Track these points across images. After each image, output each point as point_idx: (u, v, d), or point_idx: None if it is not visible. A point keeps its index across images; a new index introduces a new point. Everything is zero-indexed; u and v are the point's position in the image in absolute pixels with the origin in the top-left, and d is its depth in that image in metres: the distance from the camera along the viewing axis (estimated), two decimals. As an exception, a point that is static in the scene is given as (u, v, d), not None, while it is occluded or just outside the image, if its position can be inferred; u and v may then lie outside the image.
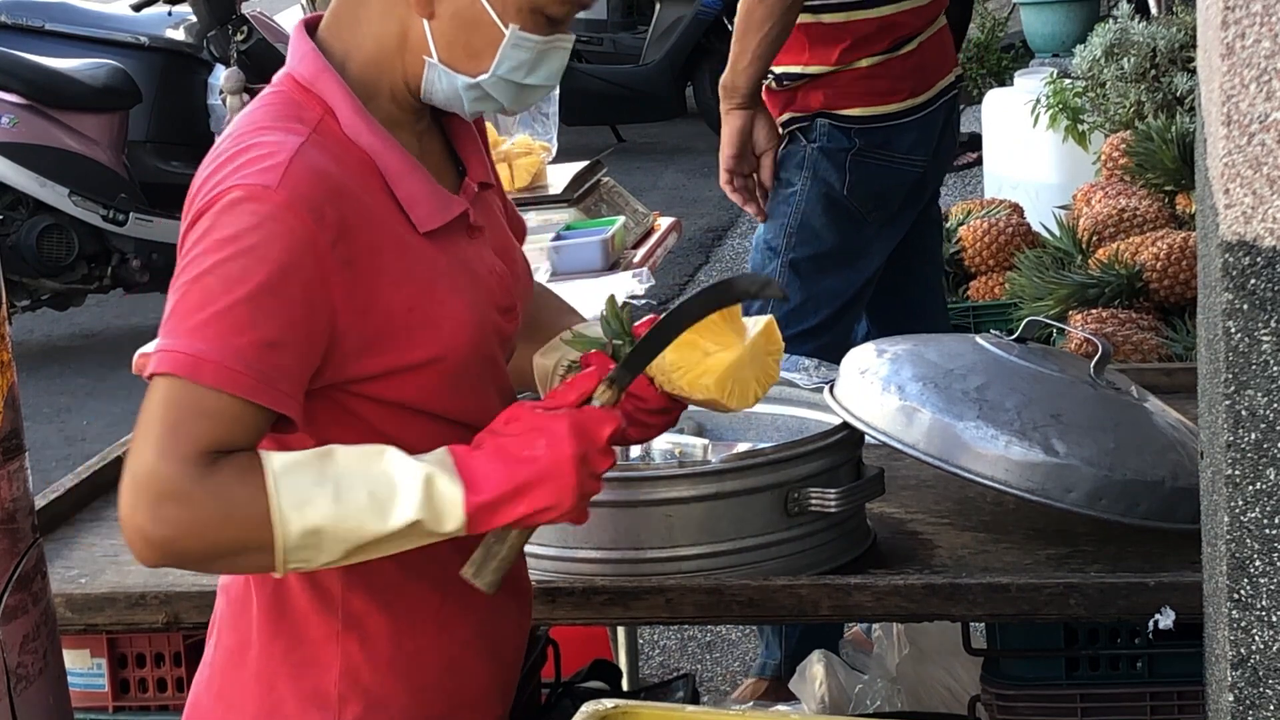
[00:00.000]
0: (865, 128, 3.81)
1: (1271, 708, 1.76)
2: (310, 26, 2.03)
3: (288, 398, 1.85)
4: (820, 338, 3.74)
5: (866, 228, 3.86)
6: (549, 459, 1.85)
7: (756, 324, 2.07)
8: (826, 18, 3.76)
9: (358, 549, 1.84)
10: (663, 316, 2.03)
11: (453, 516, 1.84)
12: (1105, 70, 6.45)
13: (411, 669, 2.03)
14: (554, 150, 4.75)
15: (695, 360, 2.02)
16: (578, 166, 4.60)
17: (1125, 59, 6.40)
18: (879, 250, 3.90)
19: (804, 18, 3.73)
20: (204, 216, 1.87)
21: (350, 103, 1.96)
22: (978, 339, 2.59)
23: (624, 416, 1.98)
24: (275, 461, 1.83)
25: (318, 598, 1.99)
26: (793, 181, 3.82)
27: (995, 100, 7.43)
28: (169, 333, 1.85)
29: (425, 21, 1.96)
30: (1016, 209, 5.93)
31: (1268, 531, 1.74)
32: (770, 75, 3.80)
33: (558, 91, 4.85)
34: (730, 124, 3.78)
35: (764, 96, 3.81)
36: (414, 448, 1.89)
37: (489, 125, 4.60)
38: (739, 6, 3.70)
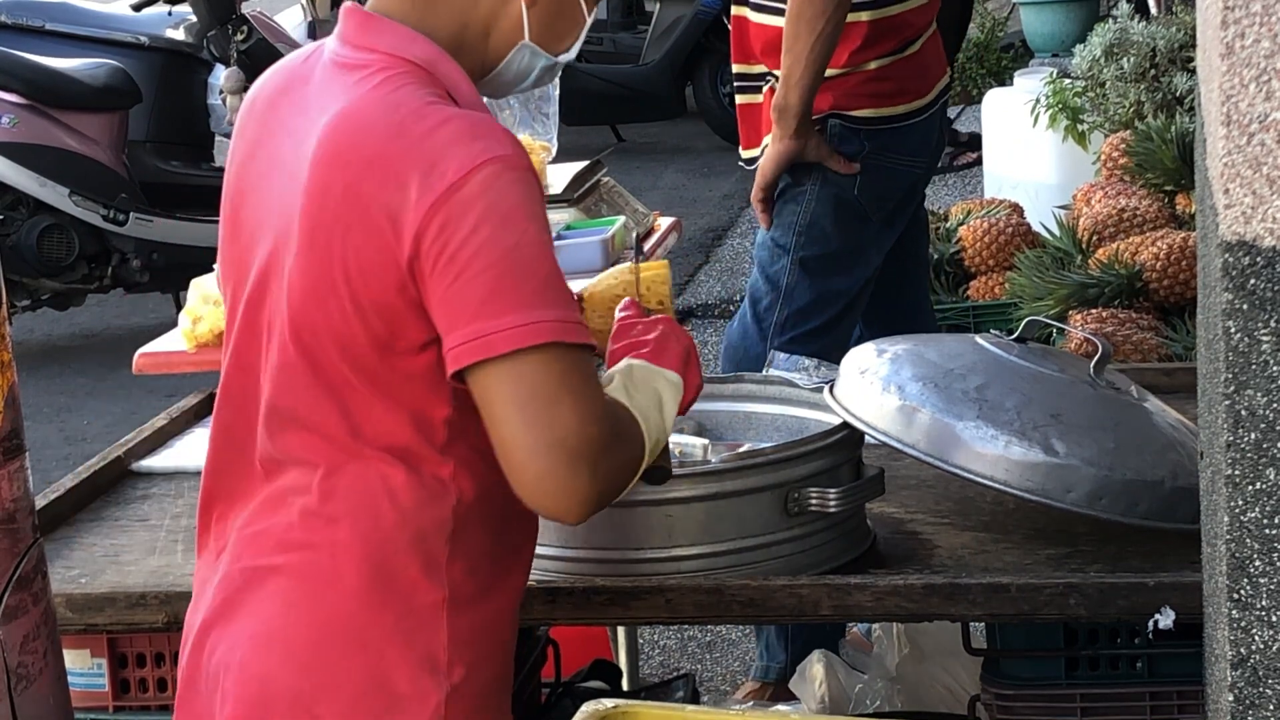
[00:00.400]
0: (874, 129, 3.80)
1: (1271, 708, 1.76)
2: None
3: None
4: (825, 337, 3.74)
5: (869, 228, 3.85)
6: (688, 344, 2.24)
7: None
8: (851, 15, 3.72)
9: (654, 445, 2.11)
10: None
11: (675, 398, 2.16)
12: (1105, 70, 6.45)
13: (493, 629, 2.12)
14: (554, 150, 4.75)
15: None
16: (578, 166, 4.60)
17: (1125, 59, 6.40)
18: (879, 250, 3.90)
19: None
20: (464, 190, 1.94)
21: (469, 87, 2.09)
22: (978, 339, 2.59)
23: None
24: (618, 393, 2.08)
25: (426, 567, 2.05)
26: (802, 182, 3.79)
27: (995, 100, 7.43)
28: (512, 307, 1.94)
29: (525, 7, 2.11)
30: (1016, 209, 5.93)
31: (1268, 531, 1.74)
32: (775, 77, 3.78)
33: (558, 91, 4.85)
34: (782, 150, 3.71)
35: (767, 97, 3.80)
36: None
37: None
38: (788, 13, 3.62)
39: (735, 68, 3.92)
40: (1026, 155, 6.94)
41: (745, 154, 3.96)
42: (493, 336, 1.92)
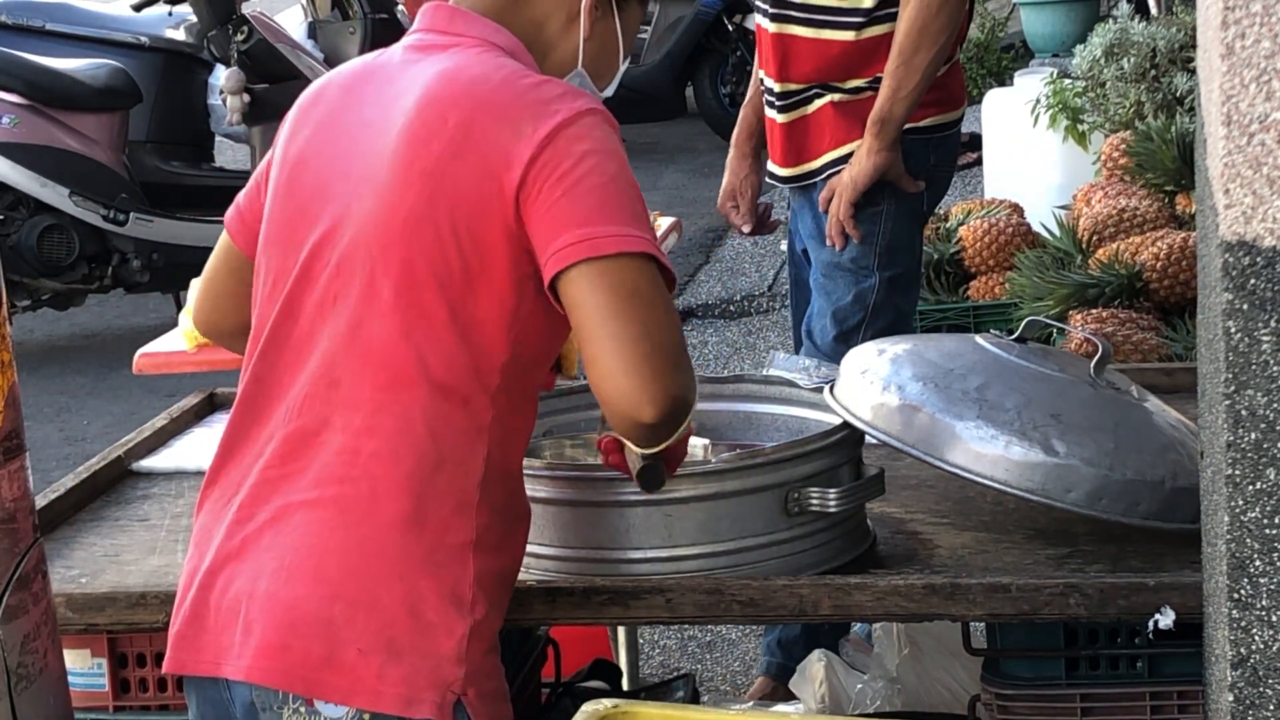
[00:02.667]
0: (937, 138, 3.78)
1: (1271, 708, 1.76)
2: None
3: None
4: None
5: (922, 238, 3.89)
6: None
7: None
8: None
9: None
10: None
11: None
12: (1105, 70, 6.45)
13: (504, 582, 2.25)
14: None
15: None
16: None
17: (1125, 59, 6.40)
18: None
19: (882, 28, 3.66)
20: (574, 127, 2.13)
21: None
22: (978, 339, 2.59)
23: None
24: None
25: (459, 508, 2.17)
26: (877, 200, 3.71)
27: (995, 100, 7.43)
28: (618, 220, 2.10)
29: (582, 40, 2.31)
30: (1016, 209, 5.93)
31: (1268, 531, 1.74)
32: (838, 90, 3.72)
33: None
34: (879, 163, 3.64)
35: (830, 113, 3.74)
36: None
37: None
38: (902, 26, 3.56)
39: (775, 85, 3.79)
40: (1026, 155, 6.94)
41: (784, 171, 3.86)
42: (601, 239, 2.08)
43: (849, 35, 3.69)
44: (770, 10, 3.77)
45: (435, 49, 2.25)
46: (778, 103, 3.81)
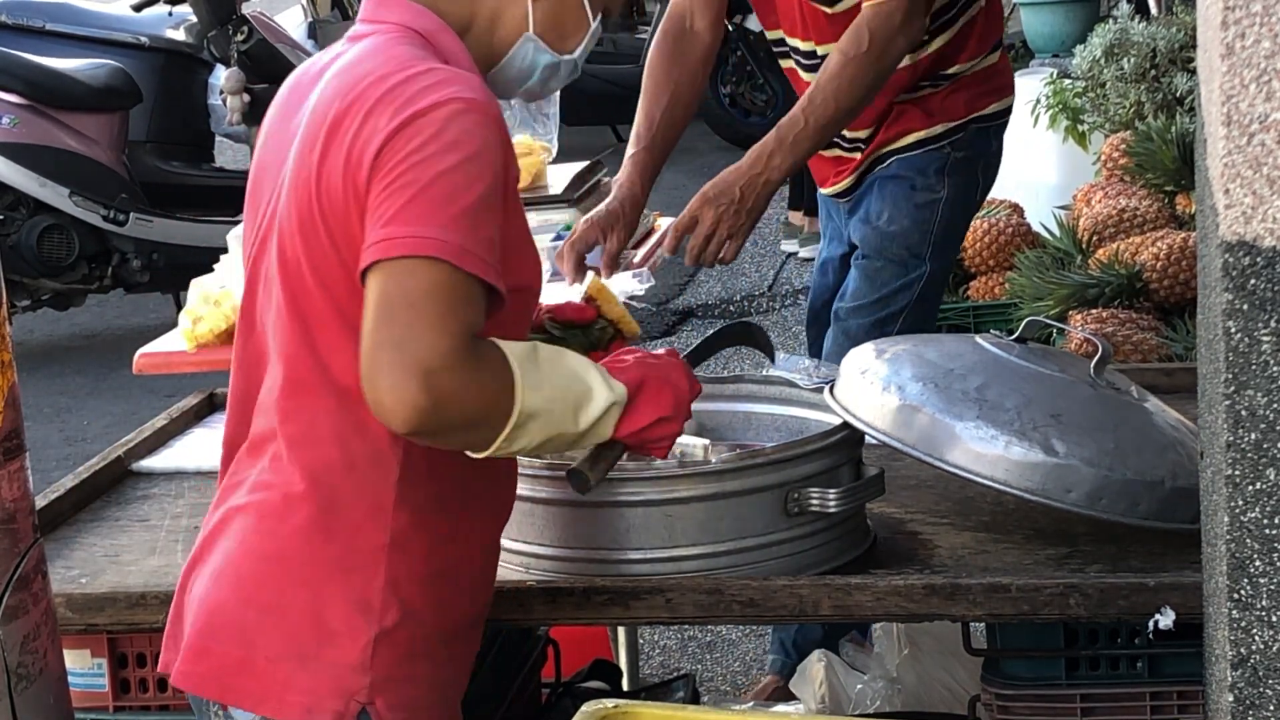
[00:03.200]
0: (998, 125, 3.74)
1: (1271, 708, 1.76)
2: None
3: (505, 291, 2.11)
4: None
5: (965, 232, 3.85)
6: (675, 386, 2.22)
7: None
8: (966, 15, 3.65)
9: (547, 441, 2.12)
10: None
11: (611, 422, 2.18)
12: (1105, 70, 6.45)
13: (441, 583, 2.18)
14: (554, 150, 4.75)
15: None
16: (578, 166, 4.59)
17: (1125, 59, 6.40)
18: None
19: (933, 44, 3.61)
20: (424, 119, 2.04)
21: (468, 61, 2.18)
22: (978, 339, 2.59)
23: None
24: (510, 348, 2.07)
25: (373, 510, 2.13)
26: (935, 189, 3.65)
27: (995, 100, 7.42)
28: (421, 220, 2.01)
29: (532, 4, 2.21)
30: (1016, 209, 5.93)
31: (1268, 531, 1.74)
32: (927, 84, 3.65)
33: (558, 92, 4.84)
34: (764, 209, 3.47)
35: (897, 111, 3.65)
36: None
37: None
38: (840, 88, 3.40)
39: (846, 133, 3.68)
40: (1026, 155, 6.93)
41: (828, 191, 3.82)
42: (395, 241, 2.00)
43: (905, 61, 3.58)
44: (808, 63, 3.68)
45: (355, 40, 2.22)
46: (845, 142, 3.73)
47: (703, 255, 3.40)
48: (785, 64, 3.79)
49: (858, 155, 3.71)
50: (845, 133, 3.69)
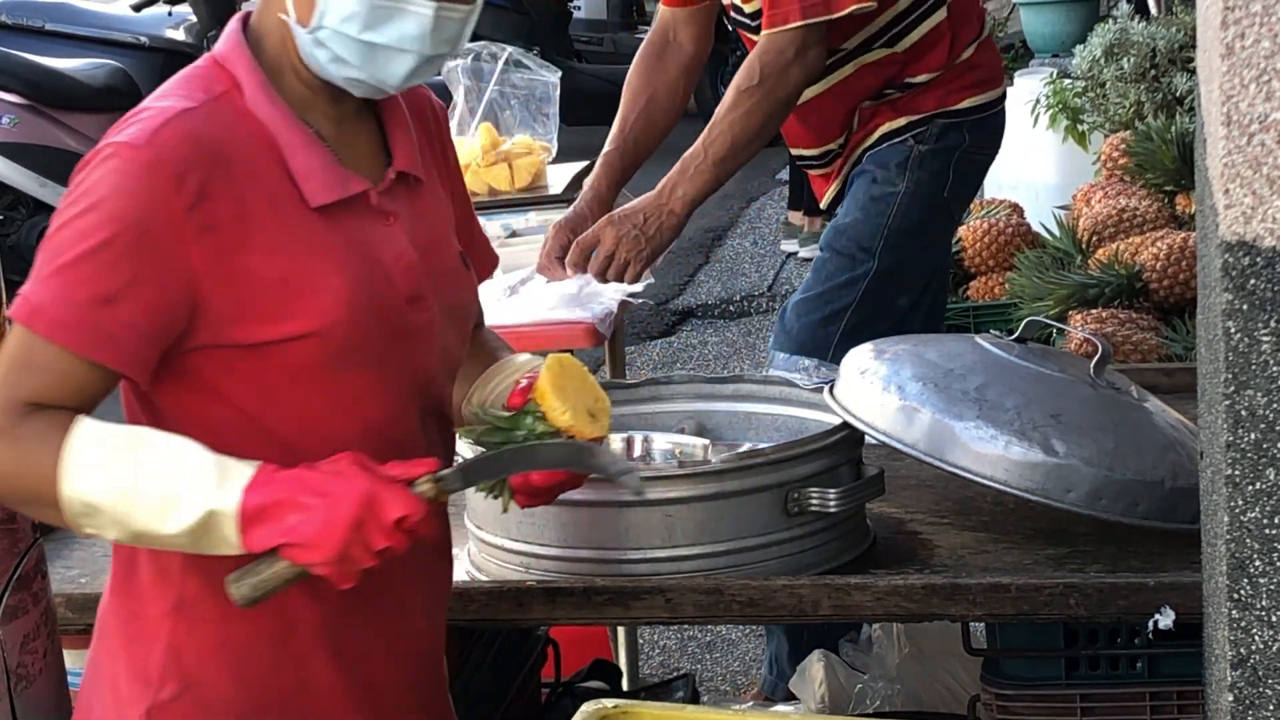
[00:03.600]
0: (976, 120, 3.67)
1: (1271, 708, 1.76)
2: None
3: (129, 356, 1.89)
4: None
5: (948, 229, 3.78)
6: (328, 505, 1.85)
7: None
8: (928, 24, 3.60)
9: (138, 536, 1.89)
10: (516, 450, 2.02)
11: (228, 529, 1.86)
12: (1105, 70, 6.45)
13: (240, 658, 2.03)
14: (554, 150, 4.75)
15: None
16: (578, 166, 4.60)
17: (1125, 59, 6.40)
18: (942, 257, 3.81)
19: (876, 54, 3.58)
20: (79, 173, 1.93)
21: (256, 79, 1.99)
22: (978, 339, 2.59)
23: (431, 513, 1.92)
24: (85, 427, 1.86)
25: (158, 575, 2.01)
26: (894, 182, 3.58)
27: (995, 100, 7.42)
28: (32, 278, 1.92)
29: None
30: (1016, 209, 5.93)
31: (1268, 531, 1.74)
32: (893, 90, 3.62)
33: (558, 92, 4.85)
34: (672, 237, 3.53)
35: (870, 110, 3.64)
36: (293, 435, 1.97)
37: (488, 126, 4.61)
38: (722, 124, 3.45)
39: (813, 151, 3.73)
40: (1026, 155, 6.94)
41: (816, 149, 3.77)
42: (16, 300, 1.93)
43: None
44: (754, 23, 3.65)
45: None
46: (816, 160, 3.74)
47: (604, 274, 3.48)
48: (743, 33, 3.75)
49: (836, 165, 3.69)
50: (809, 150, 3.69)
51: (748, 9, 3.59)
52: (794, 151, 3.79)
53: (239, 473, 1.86)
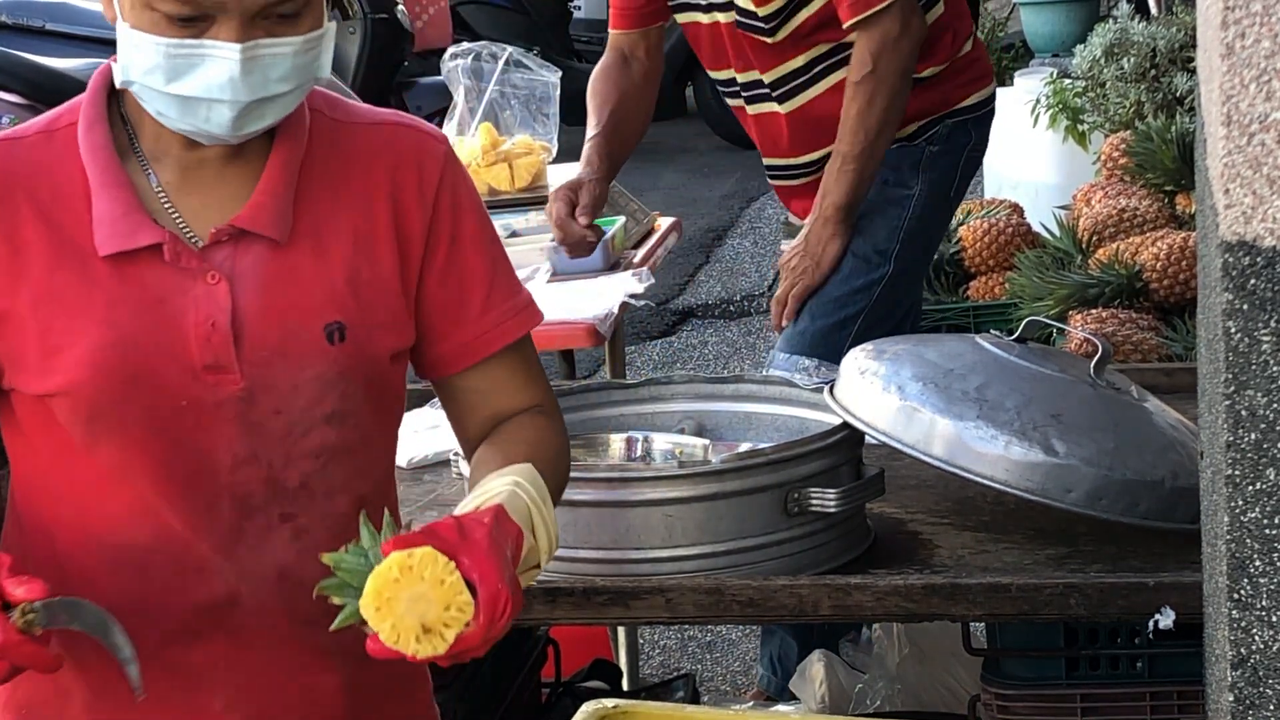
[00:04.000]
0: (978, 116, 3.67)
1: (1271, 708, 1.76)
2: None
3: None
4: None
5: (947, 228, 3.83)
6: None
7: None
8: (929, 16, 3.57)
9: None
10: (100, 612, 1.76)
11: None
12: (1105, 70, 6.45)
13: (30, 715, 1.92)
14: (554, 150, 4.75)
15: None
16: (578, 166, 4.60)
17: (1125, 59, 6.40)
18: None
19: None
20: None
21: (91, 115, 1.86)
22: (978, 339, 2.59)
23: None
24: None
25: None
26: (908, 184, 3.58)
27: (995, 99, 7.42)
28: None
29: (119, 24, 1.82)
30: (1016, 209, 5.93)
31: (1268, 531, 1.74)
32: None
33: (558, 92, 4.85)
34: (840, 246, 3.50)
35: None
36: (76, 503, 1.85)
37: (488, 126, 4.61)
38: (865, 107, 3.42)
39: (795, 160, 3.71)
40: (1026, 155, 6.94)
41: (798, 159, 3.74)
42: None
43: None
44: (750, 94, 3.67)
45: None
46: (795, 171, 3.73)
47: (791, 314, 3.55)
48: (733, 104, 3.74)
49: (817, 175, 3.62)
50: (798, 159, 3.66)
51: (763, 11, 3.52)
52: (779, 162, 3.72)
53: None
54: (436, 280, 1.95)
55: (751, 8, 3.54)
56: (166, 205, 1.86)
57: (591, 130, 3.84)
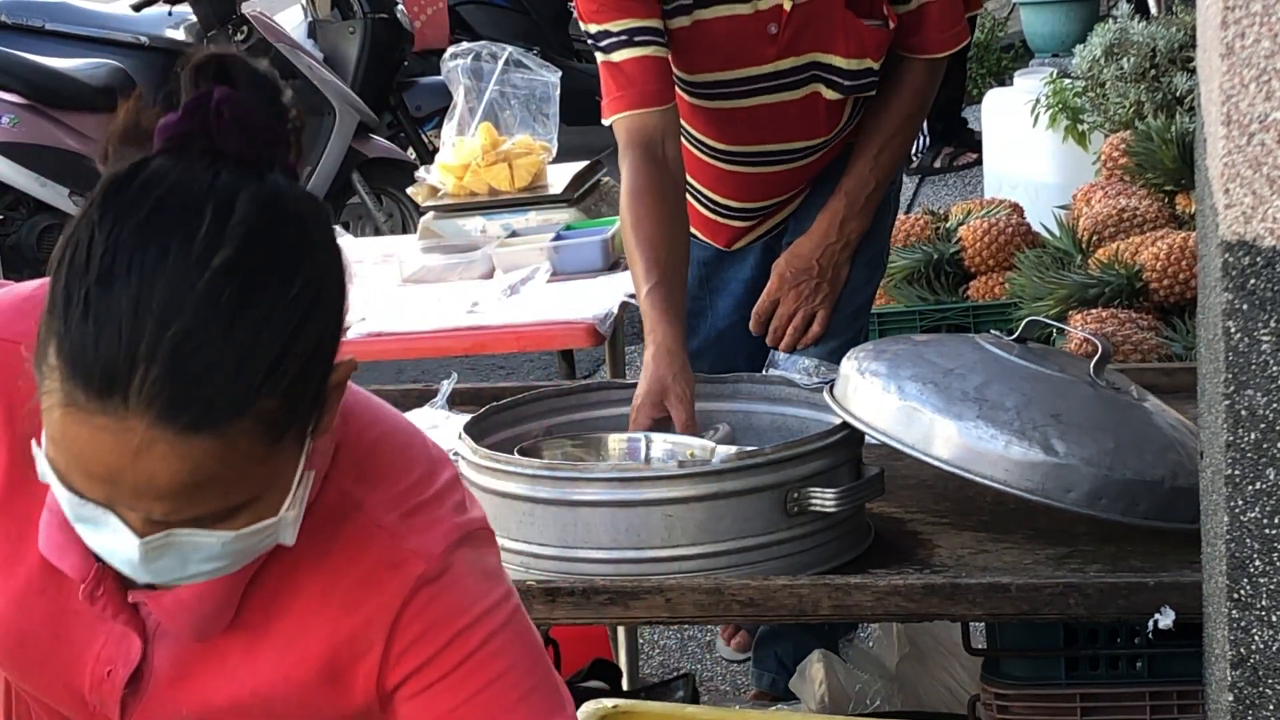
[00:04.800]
0: None
1: (1271, 708, 1.76)
2: None
3: None
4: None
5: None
6: None
7: None
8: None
9: None
10: None
11: None
12: (1105, 70, 6.45)
13: None
14: (554, 150, 4.75)
15: None
16: (578, 166, 4.60)
17: (1125, 59, 6.40)
18: None
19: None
20: None
21: None
22: (978, 339, 2.59)
23: None
24: None
25: None
26: (894, 180, 3.54)
27: (995, 100, 7.42)
28: None
29: None
30: (1016, 209, 5.93)
31: (1267, 531, 1.74)
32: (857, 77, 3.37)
33: (558, 92, 4.85)
34: (848, 269, 3.35)
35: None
36: None
37: (488, 126, 4.60)
38: (903, 104, 3.31)
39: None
40: (1026, 155, 6.94)
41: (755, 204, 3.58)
42: None
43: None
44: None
45: None
46: (746, 215, 3.55)
47: (786, 339, 3.32)
48: (737, 103, 3.35)
49: (814, 160, 3.47)
50: (749, 205, 3.49)
51: (857, 67, 3.29)
52: (794, 146, 3.47)
53: None
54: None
55: (838, 64, 3.31)
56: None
57: (646, 282, 3.02)
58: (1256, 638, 1.76)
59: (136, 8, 8.19)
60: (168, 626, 1.61)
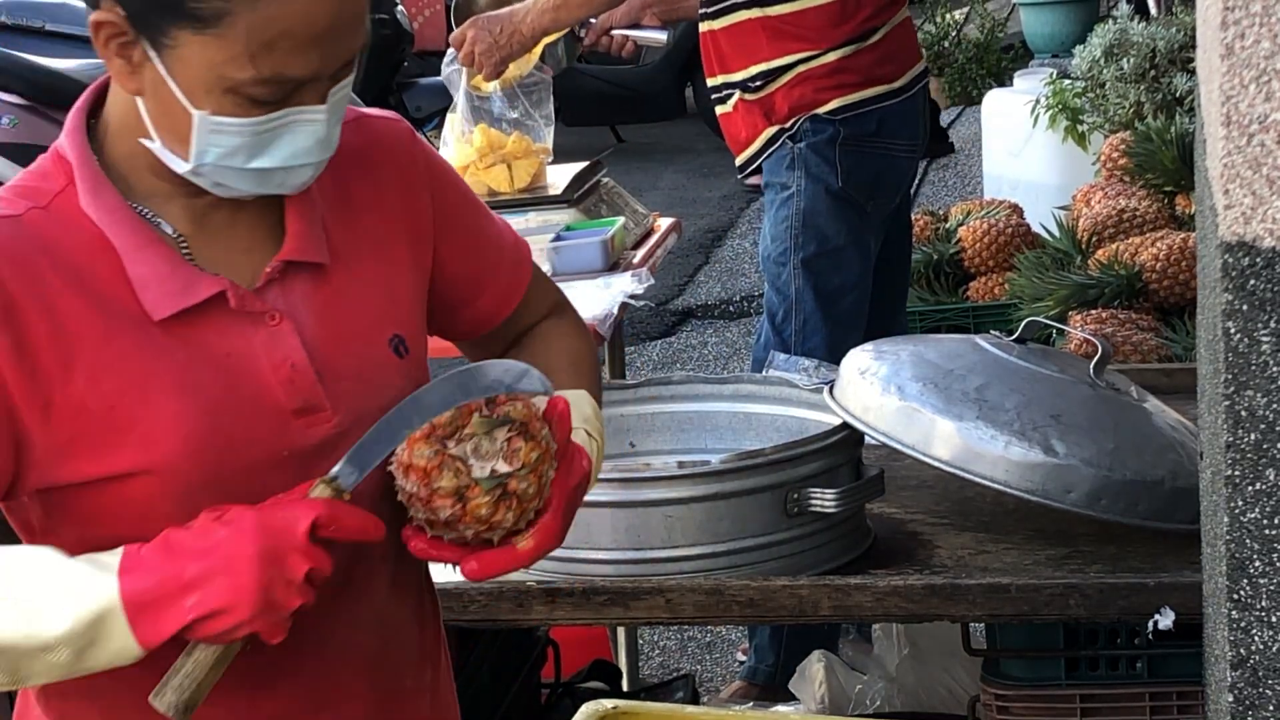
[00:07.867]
0: (848, 116, 3.82)
1: (1271, 708, 1.76)
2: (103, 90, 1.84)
3: None
4: (842, 333, 3.75)
5: (866, 217, 3.88)
6: (223, 552, 1.58)
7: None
8: (774, 10, 3.81)
9: (12, 670, 1.61)
10: (396, 407, 1.73)
11: (115, 625, 1.58)
12: (1105, 71, 6.45)
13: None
14: (553, 151, 4.75)
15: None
16: (578, 167, 4.60)
17: (1125, 59, 6.40)
18: (876, 238, 3.94)
19: (751, 13, 3.81)
20: None
21: (90, 176, 1.73)
22: (978, 339, 2.60)
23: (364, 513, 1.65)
24: None
25: (26, 698, 1.82)
26: (787, 184, 3.82)
27: (995, 100, 7.43)
28: None
29: (139, 99, 1.71)
30: (1016, 209, 5.93)
31: (1267, 532, 1.74)
32: (737, 88, 3.87)
33: (555, 91, 4.85)
34: (518, 40, 4.04)
35: (738, 111, 3.88)
36: None
37: (487, 127, 4.61)
38: None
39: (707, 80, 4.02)
40: (1026, 156, 6.94)
41: (738, 162, 3.99)
42: None
43: (713, 25, 3.93)
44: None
45: None
46: (711, 96, 4.03)
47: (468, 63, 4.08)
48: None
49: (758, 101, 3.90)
50: (730, 75, 3.92)
51: None
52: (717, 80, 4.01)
53: (106, 564, 1.59)
54: (453, 254, 1.90)
55: None
56: (188, 255, 1.73)
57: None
58: (1256, 638, 1.76)
59: (136, 8, 8.19)
60: (293, 286, 1.76)
